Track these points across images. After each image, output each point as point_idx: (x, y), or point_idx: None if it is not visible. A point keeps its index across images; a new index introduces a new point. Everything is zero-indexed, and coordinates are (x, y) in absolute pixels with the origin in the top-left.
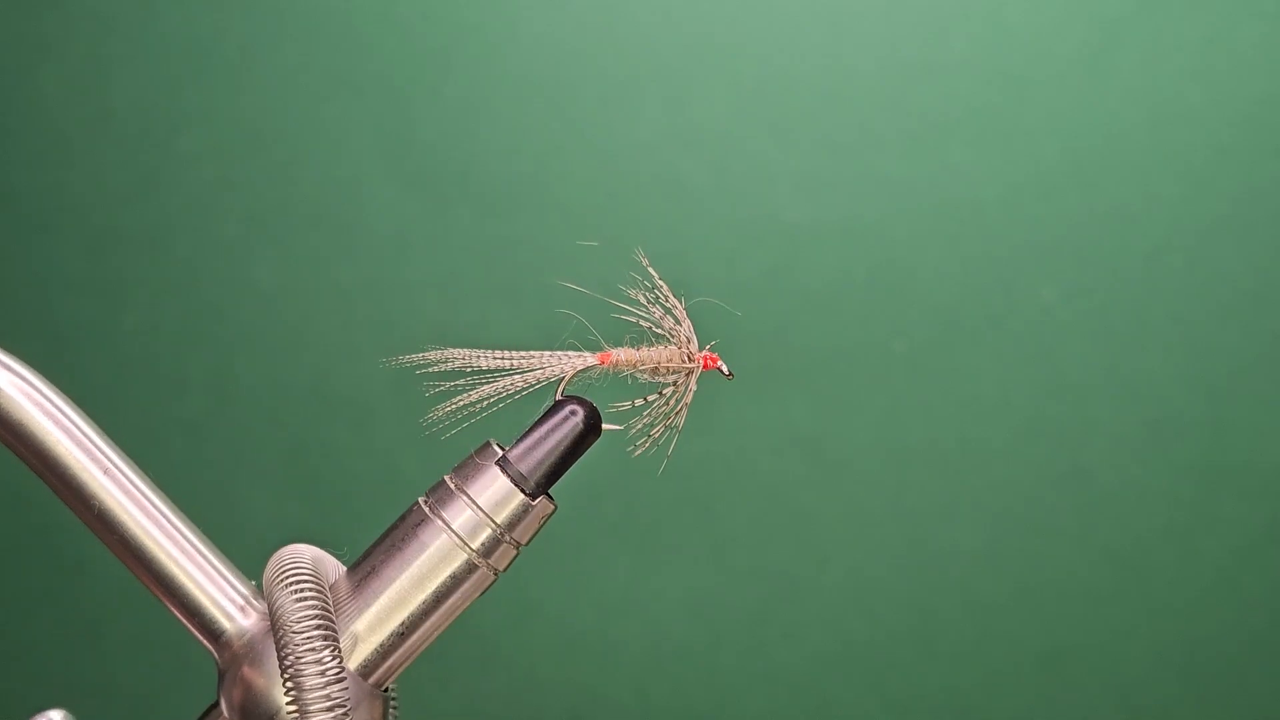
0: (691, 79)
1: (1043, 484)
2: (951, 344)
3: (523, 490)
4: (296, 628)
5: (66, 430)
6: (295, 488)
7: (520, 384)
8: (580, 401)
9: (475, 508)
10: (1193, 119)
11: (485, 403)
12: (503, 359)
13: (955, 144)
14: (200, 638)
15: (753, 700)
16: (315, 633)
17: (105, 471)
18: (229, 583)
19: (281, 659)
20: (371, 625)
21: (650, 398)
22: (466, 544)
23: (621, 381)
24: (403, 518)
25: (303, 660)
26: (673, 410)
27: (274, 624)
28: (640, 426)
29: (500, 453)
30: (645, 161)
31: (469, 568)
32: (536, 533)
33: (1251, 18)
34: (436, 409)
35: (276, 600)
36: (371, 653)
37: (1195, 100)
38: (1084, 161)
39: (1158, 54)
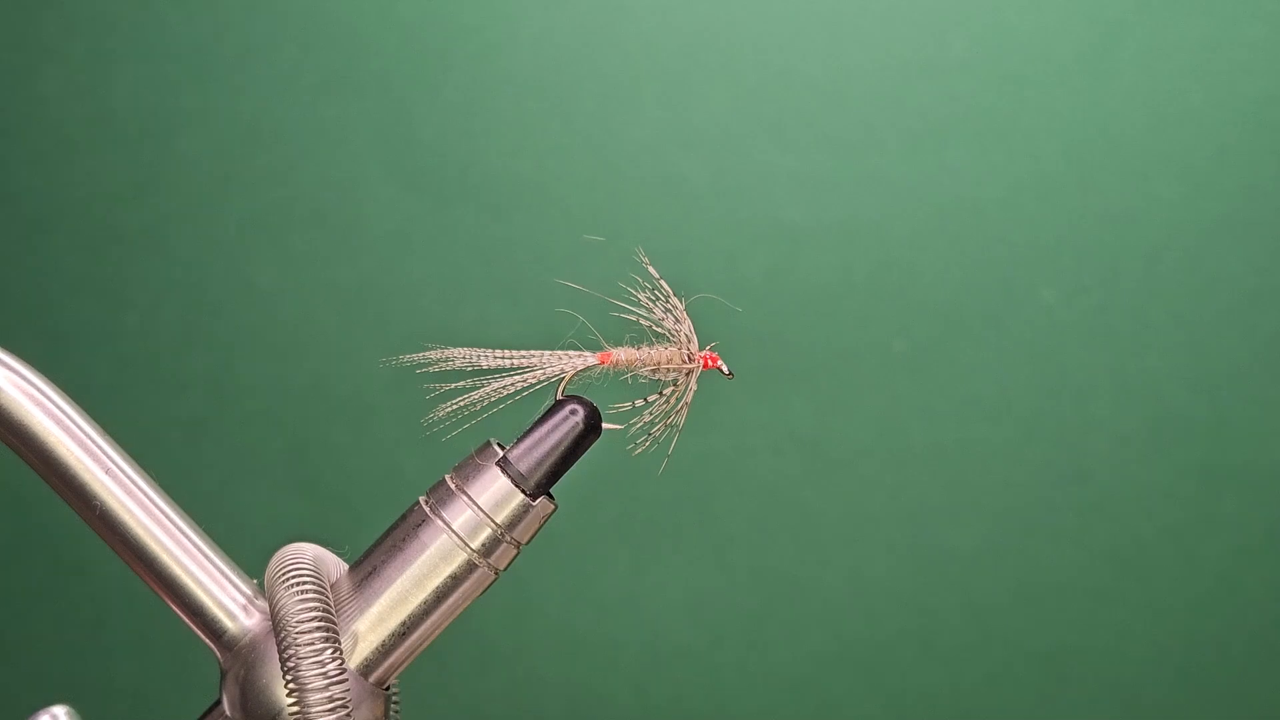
0: (691, 79)
1: (1043, 484)
2: (951, 344)
3: (523, 490)
4: (298, 627)
5: (68, 430)
6: (295, 488)
7: (520, 383)
8: (580, 401)
9: (475, 507)
10: (1193, 119)
11: (485, 402)
12: (503, 358)
13: (955, 144)
14: (203, 637)
15: (752, 700)
16: (316, 632)
17: (107, 471)
18: (231, 582)
19: (283, 658)
20: (372, 624)
21: (651, 397)
22: (467, 544)
23: (622, 381)
24: (403, 517)
25: (304, 659)
26: (673, 410)
27: (275, 623)
28: (640, 426)
29: (500, 452)
30: (645, 161)
31: (469, 567)
32: (537, 532)
33: (1251, 18)
34: (437, 409)
35: (278, 599)
36: (372, 651)
37: (1195, 100)
38: (1084, 161)
39: (1158, 54)
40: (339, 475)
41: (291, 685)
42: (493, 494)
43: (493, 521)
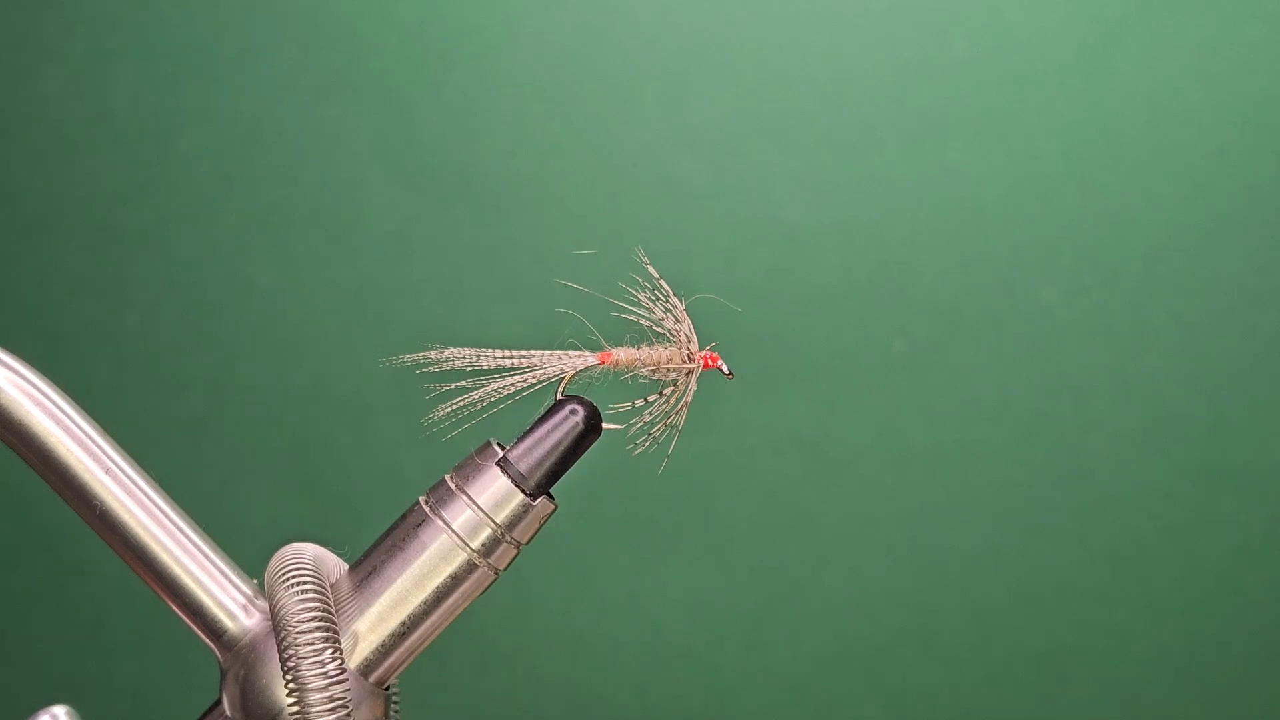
0: (691, 79)
1: (1043, 484)
2: (951, 344)
3: (523, 490)
4: (298, 627)
5: (68, 430)
6: (295, 488)
7: (520, 383)
8: (580, 401)
9: (475, 507)
10: (1193, 119)
11: (485, 402)
12: (503, 358)
13: (955, 144)
14: (203, 637)
15: (752, 699)
16: (317, 632)
17: (106, 471)
18: (231, 582)
19: (283, 658)
20: (372, 624)
21: (650, 398)
22: (467, 544)
23: (622, 381)
24: (403, 517)
25: (304, 659)
26: (673, 410)
27: (276, 623)
28: (640, 426)
29: (500, 452)
30: (645, 162)
31: (469, 567)
32: (537, 532)
33: (1251, 18)
34: (437, 409)
35: (278, 599)
36: (372, 651)
37: (1195, 100)
38: (1084, 161)
39: (1158, 54)
40: (339, 475)
41: (291, 685)
42: (493, 494)
43: (493, 521)
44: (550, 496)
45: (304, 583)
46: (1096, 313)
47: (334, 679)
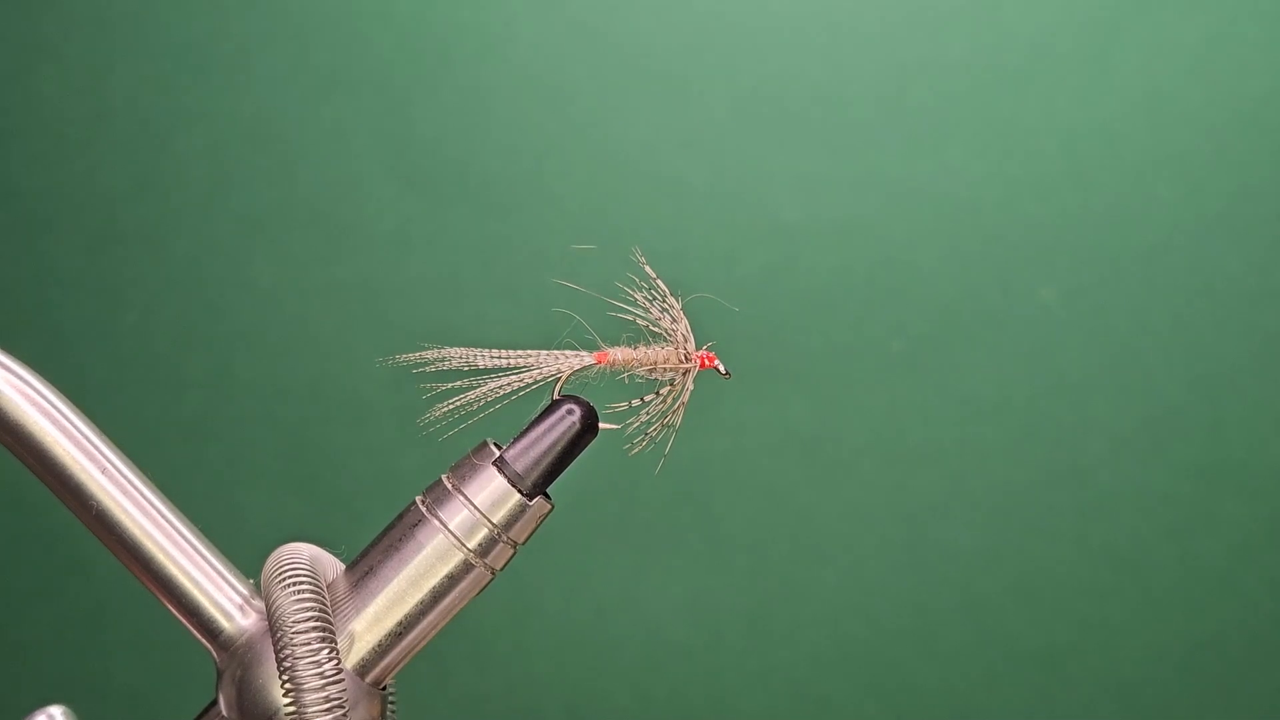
0: (691, 79)
1: (1041, 483)
2: (950, 343)
3: (519, 490)
4: (294, 627)
5: (65, 430)
6: (294, 487)
7: (517, 383)
8: (577, 401)
9: (472, 507)
10: (1193, 119)
11: (482, 402)
12: (500, 358)
13: (955, 144)
14: (199, 637)
15: (751, 699)
16: (313, 632)
17: (103, 471)
18: (227, 582)
19: (279, 658)
20: (369, 624)
21: (648, 397)
22: (463, 544)
23: (619, 381)
24: (400, 517)
25: (301, 660)
26: (670, 409)
27: (272, 623)
28: (637, 426)
29: (497, 452)
30: (645, 161)
31: (466, 567)
32: (533, 532)
33: (1251, 18)
34: (434, 408)
35: (274, 599)
36: (369, 651)
37: (1195, 100)
38: (1084, 161)
39: (1158, 54)
40: (336, 475)
41: (288, 685)
42: (489, 494)
43: (489, 521)
44: (547, 496)
45: (300, 582)
46: (1096, 313)
47: (330, 679)
